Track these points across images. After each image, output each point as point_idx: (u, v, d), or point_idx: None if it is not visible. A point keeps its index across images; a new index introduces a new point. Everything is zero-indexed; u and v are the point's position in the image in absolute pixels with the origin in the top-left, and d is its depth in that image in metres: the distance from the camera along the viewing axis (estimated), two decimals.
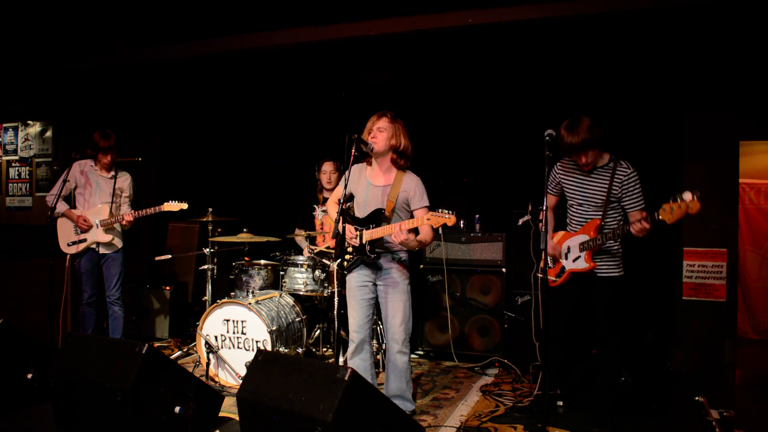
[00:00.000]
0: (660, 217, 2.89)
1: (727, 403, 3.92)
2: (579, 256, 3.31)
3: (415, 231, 3.22)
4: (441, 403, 3.80)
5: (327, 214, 4.42)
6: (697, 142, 4.44)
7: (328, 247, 4.56)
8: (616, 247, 3.32)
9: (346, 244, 3.33)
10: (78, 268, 4.47)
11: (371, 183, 3.36)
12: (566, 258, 3.40)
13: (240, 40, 4.92)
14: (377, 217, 3.28)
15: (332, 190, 4.52)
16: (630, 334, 4.02)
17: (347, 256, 3.33)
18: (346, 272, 3.37)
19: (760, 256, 5.86)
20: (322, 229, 4.72)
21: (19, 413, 3.36)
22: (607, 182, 3.24)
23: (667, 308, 4.53)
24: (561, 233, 3.50)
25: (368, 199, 3.34)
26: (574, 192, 3.38)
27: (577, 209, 3.39)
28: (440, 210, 3.02)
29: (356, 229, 3.31)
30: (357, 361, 3.35)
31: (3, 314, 3.76)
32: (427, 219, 3.07)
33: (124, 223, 4.37)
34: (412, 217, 3.32)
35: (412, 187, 3.30)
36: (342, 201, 3.11)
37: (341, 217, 3.05)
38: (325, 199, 4.64)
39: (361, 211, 3.38)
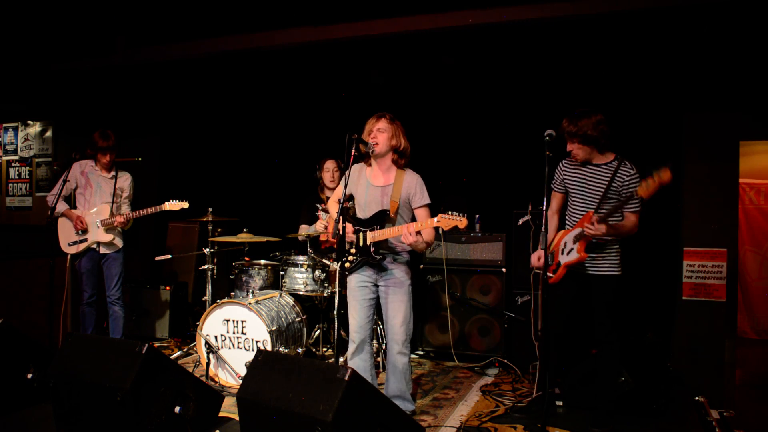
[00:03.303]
0: (638, 194, 3.05)
1: (727, 403, 3.92)
2: (572, 248, 3.32)
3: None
4: (441, 403, 3.79)
5: (329, 215, 4.39)
6: (698, 142, 4.44)
7: (332, 247, 4.55)
8: (615, 247, 3.33)
9: (348, 244, 3.33)
10: (78, 268, 4.46)
11: (371, 183, 3.36)
12: (562, 253, 3.41)
13: (240, 40, 4.92)
14: (381, 218, 3.27)
15: (335, 189, 4.50)
16: (630, 333, 4.02)
17: (350, 257, 3.33)
18: (347, 273, 3.36)
19: (760, 256, 5.86)
20: (326, 228, 4.70)
21: (19, 413, 3.35)
22: (608, 179, 3.26)
23: (667, 308, 4.52)
24: (560, 232, 3.51)
25: (368, 200, 3.33)
26: (576, 188, 3.39)
27: (577, 205, 3.41)
28: (450, 212, 3.01)
29: (356, 230, 3.31)
30: (357, 361, 3.35)
31: (3, 314, 3.76)
32: (437, 221, 3.06)
33: (115, 224, 4.37)
34: (413, 215, 3.33)
35: (413, 185, 3.30)
36: (342, 201, 3.10)
37: (341, 217, 3.05)
38: (328, 198, 4.63)
39: (362, 212, 3.37)
